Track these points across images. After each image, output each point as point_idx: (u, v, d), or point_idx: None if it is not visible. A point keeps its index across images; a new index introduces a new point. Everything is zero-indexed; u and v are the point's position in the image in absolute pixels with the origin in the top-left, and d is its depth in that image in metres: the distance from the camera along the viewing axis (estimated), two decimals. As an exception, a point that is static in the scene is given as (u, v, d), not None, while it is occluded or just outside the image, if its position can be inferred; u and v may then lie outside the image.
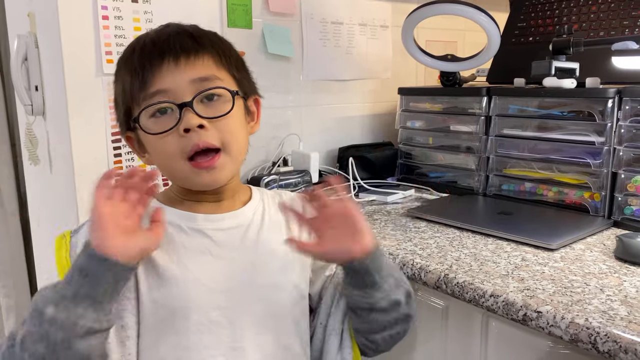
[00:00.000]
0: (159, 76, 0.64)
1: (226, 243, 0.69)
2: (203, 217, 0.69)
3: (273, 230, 0.73)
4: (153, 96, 0.64)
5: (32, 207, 1.55)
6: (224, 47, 0.70)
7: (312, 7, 1.44)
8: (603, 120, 1.04)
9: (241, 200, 0.74)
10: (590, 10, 1.19)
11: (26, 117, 1.34)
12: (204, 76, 0.65)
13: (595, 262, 0.85)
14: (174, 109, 0.64)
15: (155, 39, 0.66)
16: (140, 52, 0.66)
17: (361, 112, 1.63)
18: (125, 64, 0.67)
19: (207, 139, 0.64)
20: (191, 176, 0.65)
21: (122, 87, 0.67)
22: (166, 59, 0.64)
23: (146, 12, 1.17)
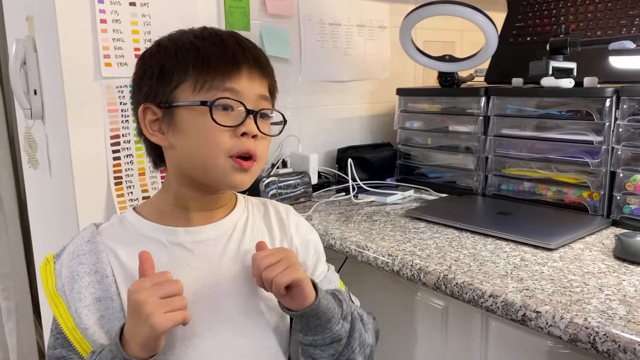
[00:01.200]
0: (245, 78, 0.66)
1: (206, 255, 0.70)
2: (183, 230, 0.70)
3: (254, 239, 0.73)
4: (226, 91, 0.65)
5: (31, 210, 1.56)
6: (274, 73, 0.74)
7: (310, 8, 1.45)
8: (601, 119, 1.04)
9: (226, 209, 0.75)
10: (587, 10, 1.19)
11: (25, 121, 1.34)
12: (265, 95, 0.69)
13: (594, 262, 0.85)
14: (237, 110, 0.66)
15: (241, 42, 0.69)
16: (236, 47, 0.67)
17: (360, 113, 1.63)
18: (214, 47, 0.66)
19: (255, 148, 0.67)
20: (228, 172, 0.66)
21: (196, 63, 0.65)
22: (255, 67, 0.67)
23: (144, 16, 1.17)
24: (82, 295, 0.66)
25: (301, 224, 0.80)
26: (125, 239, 0.70)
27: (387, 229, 1.06)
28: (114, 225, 0.72)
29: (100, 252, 0.68)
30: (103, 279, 0.67)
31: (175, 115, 0.66)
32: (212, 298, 0.69)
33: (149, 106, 0.68)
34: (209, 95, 0.65)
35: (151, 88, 0.68)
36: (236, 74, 0.65)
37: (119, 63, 1.15)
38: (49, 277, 0.68)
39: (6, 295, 1.85)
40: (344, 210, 1.22)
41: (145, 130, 0.69)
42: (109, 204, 1.18)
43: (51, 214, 1.37)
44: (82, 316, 0.65)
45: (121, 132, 1.17)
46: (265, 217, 0.77)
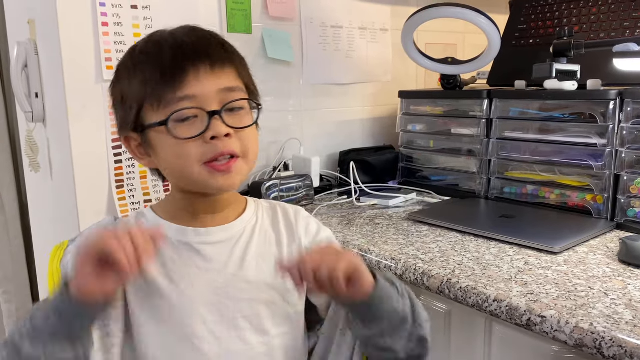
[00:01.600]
0: (194, 81, 0.63)
1: (213, 257, 0.69)
2: (193, 230, 0.70)
3: (262, 244, 0.72)
4: (181, 100, 0.63)
5: (33, 213, 1.55)
6: (242, 59, 0.70)
7: (312, 11, 1.44)
8: (605, 122, 1.03)
9: (236, 212, 0.74)
10: (591, 12, 1.18)
11: (27, 124, 1.34)
12: (230, 87, 0.66)
13: (599, 266, 0.85)
14: (200, 115, 0.63)
15: (189, 41, 0.65)
16: (174, 51, 0.63)
17: (361, 115, 1.62)
18: (152, 60, 0.64)
19: (231, 147, 0.64)
20: (207, 179, 0.65)
21: (143, 84, 0.64)
22: (202, 65, 0.63)
23: (146, 18, 1.17)
24: None
25: (311, 223, 0.78)
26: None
27: (389, 233, 1.05)
28: (131, 220, 0.73)
29: None
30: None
31: (149, 138, 0.66)
32: (215, 301, 0.68)
33: (128, 135, 0.69)
34: (167, 110, 0.63)
35: (122, 117, 0.68)
36: (186, 78, 0.62)
37: (120, 66, 1.14)
38: (57, 255, 0.68)
39: (7, 298, 1.85)
40: (346, 214, 1.21)
41: (135, 156, 0.70)
42: (111, 207, 1.18)
43: (52, 217, 1.37)
44: None
45: (123, 135, 1.17)
46: (273, 222, 0.76)
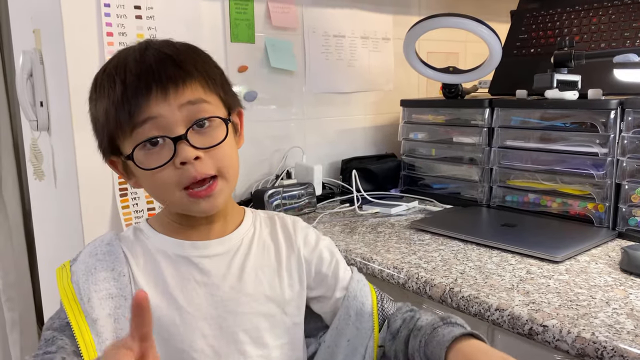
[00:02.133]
0: (146, 106, 0.61)
1: (211, 270, 0.69)
2: (190, 244, 0.69)
3: (260, 256, 0.72)
4: (143, 124, 0.61)
5: (36, 221, 1.56)
6: (208, 68, 0.67)
7: (314, 21, 1.45)
8: (606, 131, 1.04)
9: (233, 223, 0.73)
10: (591, 22, 1.19)
11: (31, 132, 1.35)
12: (192, 99, 0.63)
13: (600, 275, 0.85)
14: (167, 140, 0.62)
15: (138, 70, 0.62)
16: (123, 84, 0.62)
17: (364, 124, 1.63)
18: (107, 93, 0.64)
19: (204, 170, 0.63)
20: (189, 205, 0.64)
21: (106, 116, 0.64)
22: (153, 91, 0.61)
23: (150, 28, 1.18)
24: (98, 287, 0.65)
25: (310, 234, 0.78)
26: (137, 250, 0.69)
27: (392, 241, 1.06)
28: (130, 236, 0.72)
29: (118, 253, 0.68)
30: (120, 277, 0.66)
31: (127, 164, 0.66)
32: (215, 314, 0.68)
33: (112, 159, 0.69)
34: (132, 141, 0.62)
35: (101, 142, 0.68)
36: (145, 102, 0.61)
37: (125, 75, 1.15)
38: (64, 275, 0.67)
39: (10, 305, 1.85)
40: (349, 222, 1.22)
41: (124, 178, 0.70)
42: (114, 216, 1.19)
43: (56, 225, 1.37)
44: (95, 307, 0.64)
45: (127, 143, 1.18)
46: (272, 232, 0.76)
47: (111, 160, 0.69)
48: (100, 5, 1.12)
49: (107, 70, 0.66)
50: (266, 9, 1.36)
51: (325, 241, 0.79)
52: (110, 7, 1.13)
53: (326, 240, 0.79)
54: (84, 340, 0.63)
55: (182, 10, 1.22)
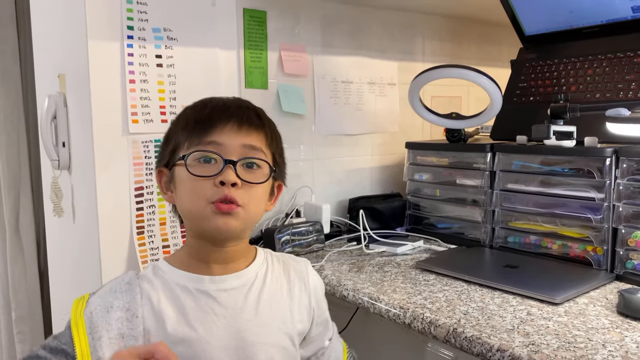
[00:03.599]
0: (219, 131, 0.73)
1: (229, 303, 0.75)
2: (209, 279, 0.75)
3: (274, 290, 0.79)
4: (207, 144, 0.72)
5: (51, 256, 1.61)
6: (276, 134, 0.80)
7: (324, 68, 1.53)
8: (602, 177, 1.09)
9: (246, 261, 0.80)
10: (587, 73, 1.26)
11: (52, 171, 1.41)
12: (254, 145, 0.74)
13: (598, 317, 0.89)
14: (218, 160, 0.72)
15: (228, 104, 0.77)
16: (212, 108, 0.75)
17: (370, 164, 1.69)
18: (195, 112, 0.76)
19: (235, 196, 0.72)
20: (210, 217, 0.71)
21: (183, 127, 0.75)
22: (231, 122, 0.73)
23: (170, 76, 1.25)
24: (111, 327, 0.70)
25: (317, 283, 0.86)
26: (157, 285, 0.75)
27: (398, 281, 1.10)
28: (149, 273, 0.78)
29: (136, 293, 0.73)
30: (132, 318, 0.71)
31: (175, 174, 0.76)
32: (233, 345, 0.73)
33: (161, 169, 0.78)
34: (194, 149, 0.73)
35: (161, 153, 0.79)
36: (213, 128, 0.73)
37: (145, 120, 1.22)
38: (80, 305, 0.73)
39: (21, 338, 1.89)
40: (356, 260, 1.26)
41: (161, 191, 0.79)
42: (131, 252, 1.24)
43: (72, 260, 1.42)
44: (103, 346, 0.68)
45: (145, 184, 1.24)
46: (285, 269, 0.82)
47: (160, 170, 0.78)
48: (124, 54, 1.19)
49: (201, 100, 0.79)
50: (279, 57, 1.44)
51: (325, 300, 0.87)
52: (134, 56, 1.20)
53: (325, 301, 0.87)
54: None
55: (201, 59, 1.29)
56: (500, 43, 1.90)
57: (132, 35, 1.20)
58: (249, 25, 1.38)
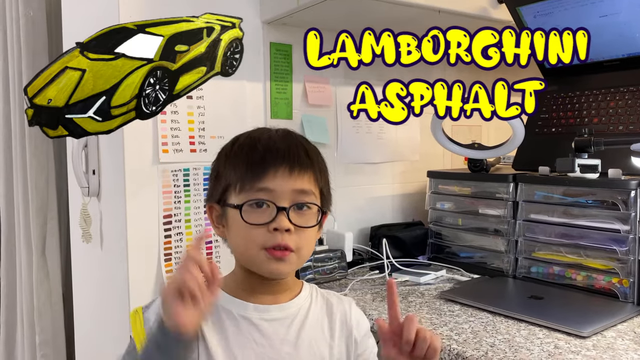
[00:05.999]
0: (272, 177, 0.73)
1: (270, 333, 0.76)
2: (253, 306, 0.77)
3: (315, 327, 0.79)
4: (259, 191, 0.73)
5: (76, 281, 1.64)
6: (322, 167, 0.80)
7: (346, 98, 1.55)
8: (627, 209, 1.10)
9: (292, 294, 0.81)
10: (609, 106, 1.27)
11: (82, 198, 1.45)
12: (305, 189, 0.75)
13: (627, 352, 0.88)
14: (271, 206, 0.73)
15: (278, 144, 0.76)
16: (264, 150, 0.75)
17: (392, 192, 1.71)
18: (245, 153, 0.76)
19: (289, 242, 0.73)
20: (263, 262, 0.73)
21: (234, 170, 0.76)
22: (282, 166, 0.74)
23: (199, 107, 1.29)
24: None
25: (361, 321, 0.84)
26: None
27: (423, 311, 1.10)
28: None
29: None
30: None
31: (227, 213, 0.77)
32: None
33: (212, 205, 0.79)
34: (245, 196, 0.74)
35: (211, 189, 0.80)
36: (266, 175, 0.73)
37: (175, 150, 1.26)
38: (137, 321, 0.76)
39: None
40: (380, 290, 1.27)
41: (212, 224, 0.80)
42: (159, 279, 1.26)
43: (97, 286, 1.45)
44: None
45: (173, 212, 1.27)
46: (327, 306, 0.82)
47: (211, 205, 0.79)
48: (156, 86, 1.23)
49: (252, 135, 0.79)
50: (303, 88, 1.48)
51: (372, 337, 0.85)
52: (165, 88, 1.24)
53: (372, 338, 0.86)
54: None
55: (229, 90, 1.33)
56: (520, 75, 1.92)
57: (164, 68, 1.24)
58: (275, 58, 1.42)
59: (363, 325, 0.84)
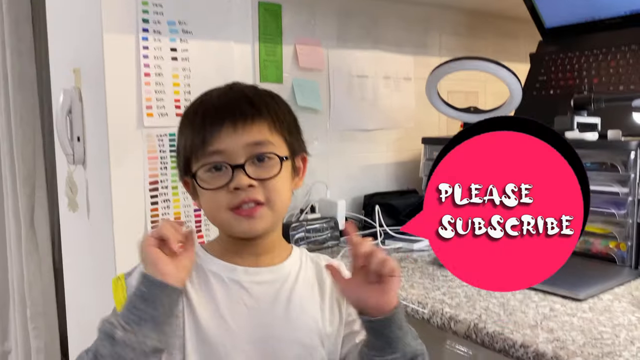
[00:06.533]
0: (217, 138, 0.70)
1: (260, 296, 0.73)
2: (242, 269, 0.74)
3: (305, 289, 0.76)
4: (211, 155, 0.70)
5: (66, 251, 1.61)
6: (279, 111, 0.75)
7: (339, 62, 1.52)
8: (626, 171, 1.06)
9: (281, 257, 0.78)
10: (610, 65, 1.23)
11: (67, 166, 1.41)
12: (258, 141, 0.71)
13: (624, 314, 0.86)
14: (227, 167, 0.69)
15: (217, 104, 0.72)
16: (203, 115, 0.72)
17: (386, 160, 1.67)
18: (190, 123, 0.74)
19: (254, 196, 0.69)
20: (233, 223, 0.70)
21: (184, 143, 0.73)
22: (225, 124, 0.70)
23: (184, 69, 1.24)
24: None
25: None
26: (192, 271, 0.74)
27: (415, 276, 1.08)
28: None
29: None
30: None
31: (195, 185, 0.74)
32: (262, 338, 0.72)
33: (185, 179, 0.77)
34: (201, 162, 0.71)
35: (178, 165, 0.77)
36: (217, 135, 0.69)
37: (160, 113, 1.22)
38: (119, 288, 0.74)
39: (36, 334, 1.89)
40: (372, 257, 1.24)
41: (192, 198, 0.77)
42: (145, 247, 1.23)
43: (86, 255, 1.42)
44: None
45: (160, 178, 1.23)
46: (317, 269, 0.79)
47: (185, 180, 0.76)
48: (139, 47, 1.19)
49: (195, 104, 0.75)
50: (294, 51, 1.43)
51: None
52: (149, 50, 1.20)
53: None
54: None
55: (215, 52, 1.28)
56: (517, 37, 1.87)
57: (147, 28, 1.19)
58: (264, 19, 1.37)
59: None
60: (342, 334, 0.78)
